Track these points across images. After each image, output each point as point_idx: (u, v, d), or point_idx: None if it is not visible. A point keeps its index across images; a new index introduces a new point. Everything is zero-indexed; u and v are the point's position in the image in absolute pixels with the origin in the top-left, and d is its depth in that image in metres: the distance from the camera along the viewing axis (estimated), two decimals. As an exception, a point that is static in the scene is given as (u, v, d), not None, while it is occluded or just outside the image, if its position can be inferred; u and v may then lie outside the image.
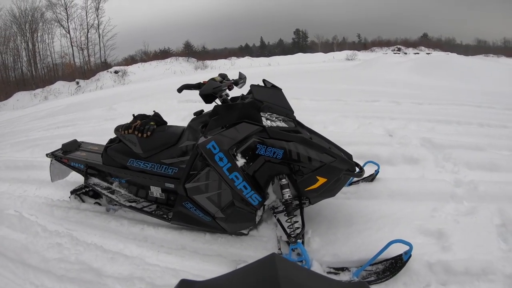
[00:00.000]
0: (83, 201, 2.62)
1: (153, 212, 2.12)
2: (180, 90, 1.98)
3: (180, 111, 4.99)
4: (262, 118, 1.69)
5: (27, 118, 8.97)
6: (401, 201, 2.17)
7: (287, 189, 1.69)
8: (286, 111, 1.78)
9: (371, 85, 7.20)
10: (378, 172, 2.44)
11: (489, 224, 1.83)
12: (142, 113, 2.47)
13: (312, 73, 11.18)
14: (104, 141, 2.57)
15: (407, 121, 3.75)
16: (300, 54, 27.58)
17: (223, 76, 2.11)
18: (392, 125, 3.64)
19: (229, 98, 1.87)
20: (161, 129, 2.21)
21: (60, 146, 2.72)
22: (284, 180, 1.70)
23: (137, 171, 2.22)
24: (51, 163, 2.66)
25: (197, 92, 1.83)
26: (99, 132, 4.66)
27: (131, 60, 27.48)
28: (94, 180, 2.51)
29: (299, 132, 1.76)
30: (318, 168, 1.68)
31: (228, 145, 1.65)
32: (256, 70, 14.34)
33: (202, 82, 1.92)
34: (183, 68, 22.62)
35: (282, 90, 1.89)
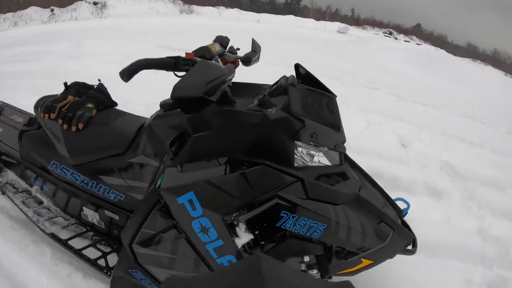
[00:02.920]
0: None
1: (85, 256, 1.28)
2: (128, 73, 0.85)
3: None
4: (298, 152, 0.85)
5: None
6: (430, 259, 1.72)
7: (313, 271, 0.92)
8: (336, 139, 0.94)
9: (367, 68, 6.63)
10: (407, 213, 1.80)
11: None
12: (82, 81, 1.48)
13: (304, 40, 10.14)
14: (59, 89, 1.51)
15: (418, 128, 3.34)
16: (291, 16, 25.32)
17: (222, 42, 1.19)
18: (403, 130, 3.20)
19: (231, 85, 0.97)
20: (103, 120, 1.27)
21: None
22: (308, 259, 0.91)
23: (62, 181, 1.32)
24: None
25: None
26: (58, 74, 3.53)
27: (113, -8, 23.96)
28: (10, 175, 1.57)
29: (345, 175, 0.95)
30: (369, 248, 0.94)
31: (223, 207, 0.80)
32: (245, 25, 12.78)
33: (184, 56, 0.95)
34: (168, 9, 20.12)
35: (336, 98, 1.02)
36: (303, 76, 0.98)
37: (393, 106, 4.02)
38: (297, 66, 1.04)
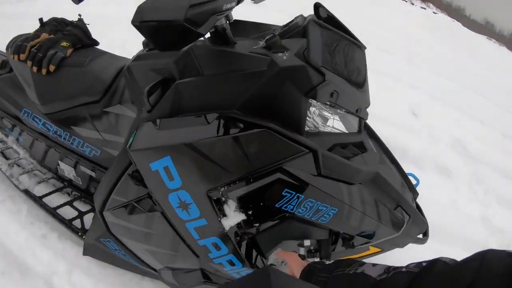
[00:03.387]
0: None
1: (59, 216, 1.13)
2: None
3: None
4: (309, 112, 0.64)
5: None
6: (432, 243, 1.59)
7: (313, 258, 0.77)
8: (359, 102, 0.73)
9: (382, 29, 6.01)
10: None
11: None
12: (62, 17, 1.22)
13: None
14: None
15: (430, 98, 3.17)
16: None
17: None
18: (415, 97, 3.05)
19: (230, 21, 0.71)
20: (78, 62, 1.05)
21: None
22: (308, 243, 0.75)
23: (36, 132, 1.14)
24: None
25: None
26: (52, 15, 3.10)
27: None
28: None
29: (364, 146, 0.76)
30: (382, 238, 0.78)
31: (209, 179, 0.61)
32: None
33: None
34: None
35: (365, 50, 0.79)
36: (325, 21, 0.73)
37: (406, 71, 3.76)
38: (317, 7, 0.79)
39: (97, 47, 1.22)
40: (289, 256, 0.62)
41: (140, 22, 0.48)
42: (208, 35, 0.65)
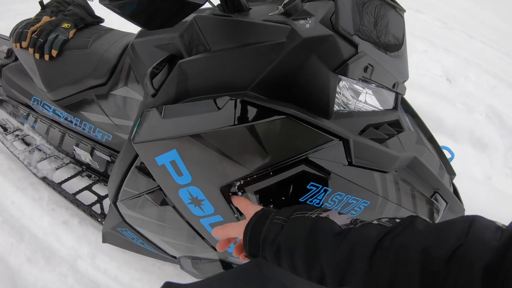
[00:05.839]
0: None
1: (78, 202, 1.12)
2: None
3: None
4: (338, 87, 0.52)
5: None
6: None
7: None
8: (397, 76, 0.59)
9: None
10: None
11: None
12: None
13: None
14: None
15: (465, 62, 2.93)
16: None
17: None
18: (448, 61, 2.84)
19: None
20: (82, 43, 0.97)
21: None
22: None
23: (48, 119, 1.11)
24: None
25: None
26: None
27: None
28: (0, 114, 1.37)
29: (400, 125, 0.64)
30: None
31: (221, 176, 0.52)
32: None
33: None
34: None
35: (404, 15, 0.65)
36: None
37: (439, 33, 3.47)
38: None
39: (103, 24, 1.14)
40: (241, 202, 0.52)
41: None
42: (218, 1, 0.54)
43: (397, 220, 0.36)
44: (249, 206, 0.49)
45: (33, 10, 1.19)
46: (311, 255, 0.37)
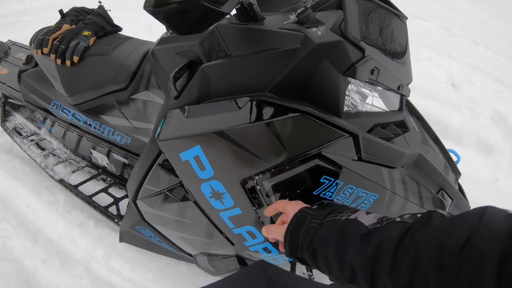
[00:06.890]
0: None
1: (94, 203, 1.17)
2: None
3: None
4: (347, 90, 0.58)
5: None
6: None
7: None
8: (401, 78, 0.65)
9: None
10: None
11: None
12: (82, 5, 1.21)
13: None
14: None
15: (469, 68, 2.98)
16: None
17: None
18: (453, 68, 2.89)
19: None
20: (102, 50, 1.04)
21: None
22: None
23: (66, 123, 1.17)
24: None
25: None
26: (78, 4, 3.18)
27: None
28: (18, 118, 1.43)
29: (405, 125, 0.69)
30: None
31: (241, 169, 0.58)
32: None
33: None
34: None
35: (406, 22, 0.71)
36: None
37: (443, 40, 3.55)
38: None
39: (121, 32, 1.21)
40: (279, 203, 0.56)
41: (153, 6, 0.44)
42: (234, 11, 0.60)
43: (418, 215, 0.39)
44: (287, 206, 0.52)
45: (41, 20, 1.27)
46: (341, 256, 0.41)
